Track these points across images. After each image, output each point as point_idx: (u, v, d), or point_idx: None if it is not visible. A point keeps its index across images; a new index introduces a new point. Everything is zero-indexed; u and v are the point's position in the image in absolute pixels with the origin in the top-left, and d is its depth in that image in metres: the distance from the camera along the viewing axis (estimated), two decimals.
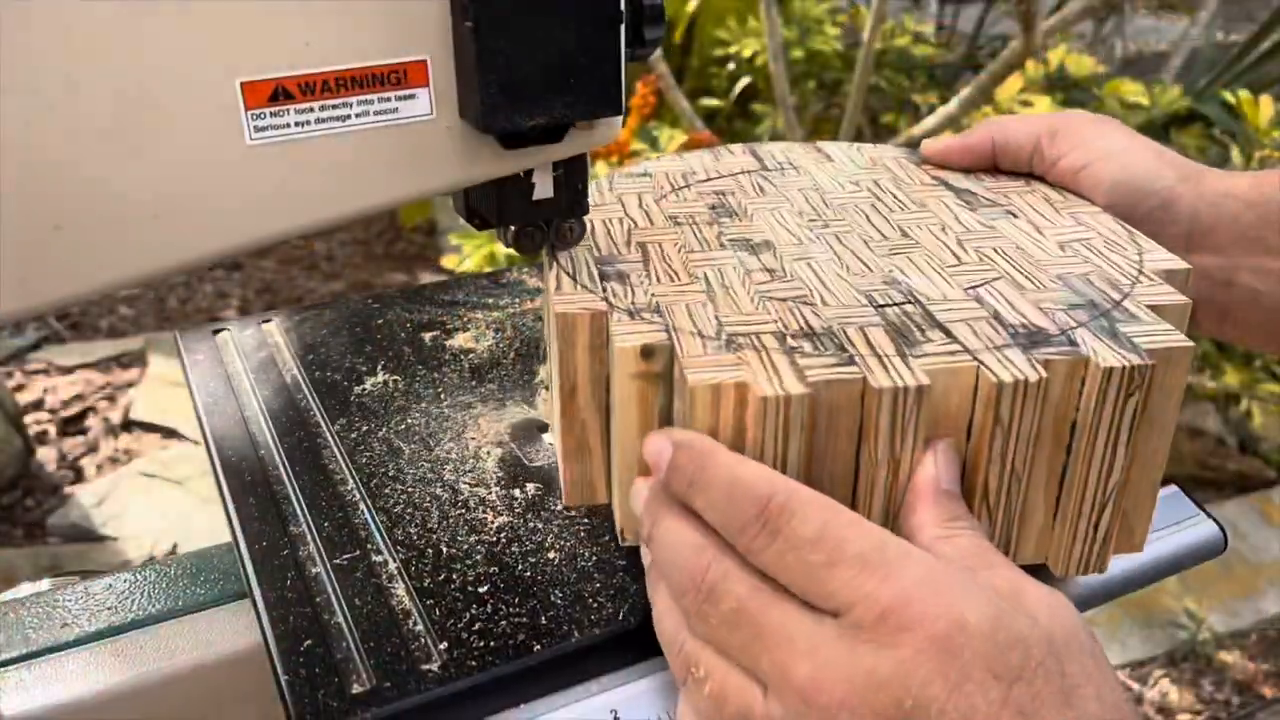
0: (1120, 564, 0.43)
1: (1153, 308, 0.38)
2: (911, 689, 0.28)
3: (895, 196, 0.49)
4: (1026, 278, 0.41)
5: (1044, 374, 0.35)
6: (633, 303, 0.40)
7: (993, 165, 0.53)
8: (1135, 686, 1.57)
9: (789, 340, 0.37)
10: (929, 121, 1.61)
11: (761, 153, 0.56)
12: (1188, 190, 0.47)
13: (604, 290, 0.41)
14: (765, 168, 0.54)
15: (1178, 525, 0.45)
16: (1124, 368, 0.35)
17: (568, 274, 0.43)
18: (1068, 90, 1.83)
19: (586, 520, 0.44)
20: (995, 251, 0.43)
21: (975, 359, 0.35)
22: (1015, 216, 0.46)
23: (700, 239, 0.46)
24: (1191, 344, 0.37)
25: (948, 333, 0.37)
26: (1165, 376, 0.37)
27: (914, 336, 0.37)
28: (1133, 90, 1.78)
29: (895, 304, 0.40)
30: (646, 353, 0.37)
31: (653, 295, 0.41)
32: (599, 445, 0.42)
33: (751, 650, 0.31)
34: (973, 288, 0.40)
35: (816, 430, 0.35)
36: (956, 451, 0.36)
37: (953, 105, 1.55)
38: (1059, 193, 0.49)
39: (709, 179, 0.53)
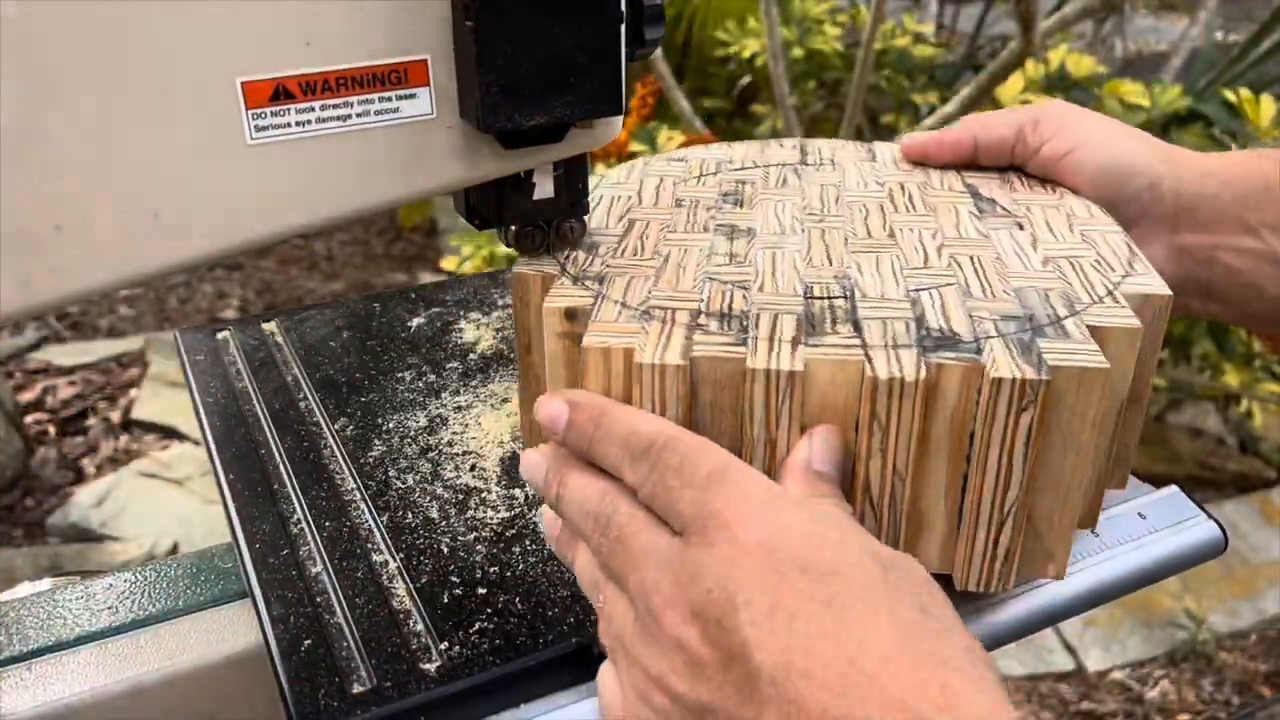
0: (1120, 564, 0.44)
1: (1096, 328, 0.37)
2: (723, 580, 0.30)
3: (911, 199, 0.49)
4: (983, 287, 0.40)
5: (922, 375, 0.35)
6: (584, 271, 0.42)
7: (974, 160, 0.53)
8: (1135, 686, 1.57)
9: (700, 318, 0.38)
10: (929, 122, 1.61)
11: (809, 147, 0.56)
12: (1169, 171, 0.48)
13: (565, 257, 0.43)
14: (805, 162, 0.54)
15: (1178, 525, 0.45)
16: (1015, 380, 0.34)
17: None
18: (1067, 90, 1.83)
19: None
20: (970, 260, 0.42)
21: (865, 354, 0.36)
22: (1021, 229, 0.45)
23: (690, 221, 0.47)
24: (1106, 366, 0.34)
25: (857, 327, 0.37)
26: (1075, 396, 0.35)
27: (823, 327, 0.38)
28: (1132, 90, 1.78)
29: (828, 297, 0.40)
30: (570, 314, 0.39)
31: (607, 266, 0.42)
32: None
33: (624, 570, 0.33)
34: (916, 290, 0.40)
35: (699, 403, 0.37)
36: (834, 437, 0.36)
37: (952, 105, 1.55)
38: (1087, 209, 0.47)
39: (743, 168, 0.53)
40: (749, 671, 0.29)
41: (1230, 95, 1.61)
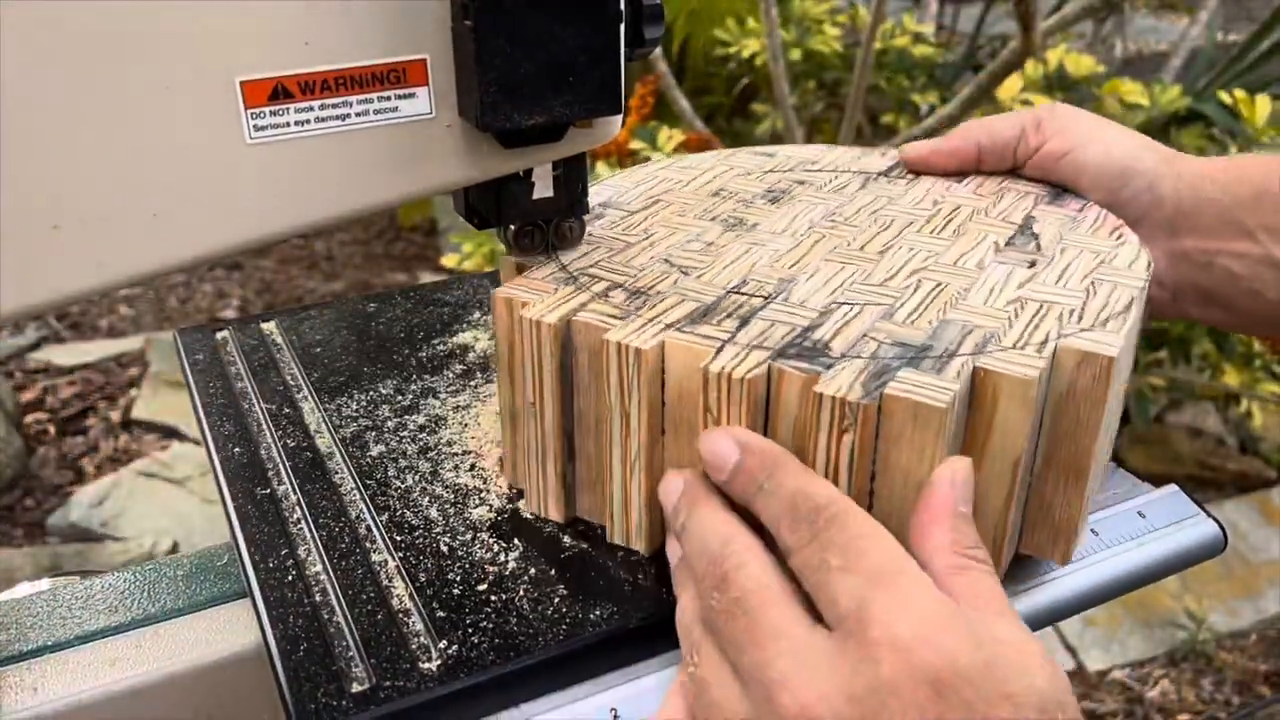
0: (1120, 563, 0.44)
1: (988, 373, 0.35)
2: (883, 711, 0.27)
3: (949, 221, 0.47)
4: (913, 313, 0.39)
5: (752, 375, 0.35)
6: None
7: (977, 166, 0.53)
8: (1135, 686, 1.57)
9: (613, 290, 0.41)
10: (929, 122, 1.62)
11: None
12: (1168, 174, 0.48)
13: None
14: (888, 174, 0.53)
15: (1177, 524, 0.45)
16: (836, 398, 0.33)
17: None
18: (1067, 90, 1.83)
19: (587, 520, 0.44)
20: (934, 286, 0.41)
21: (716, 346, 0.37)
22: (1030, 267, 0.43)
23: (705, 209, 0.50)
24: (941, 405, 0.33)
25: (743, 323, 0.38)
26: (911, 432, 0.33)
27: (710, 318, 0.39)
28: (1132, 90, 1.78)
29: (749, 294, 0.41)
30: (520, 268, 0.44)
31: (589, 234, 0.46)
32: None
33: (740, 643, 0.31)
34: (838, 303, 0.40)
35: (577, 365, 0.40)
36: (971, 471, 0.34)
37: (952, 105, 1.55)
38: (1132, 259, 0.43)
39: (818, 169, 0.54)
40: None
41: (1226, 96, 1.61)
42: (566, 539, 0.43)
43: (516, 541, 0.43)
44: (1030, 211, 0.48)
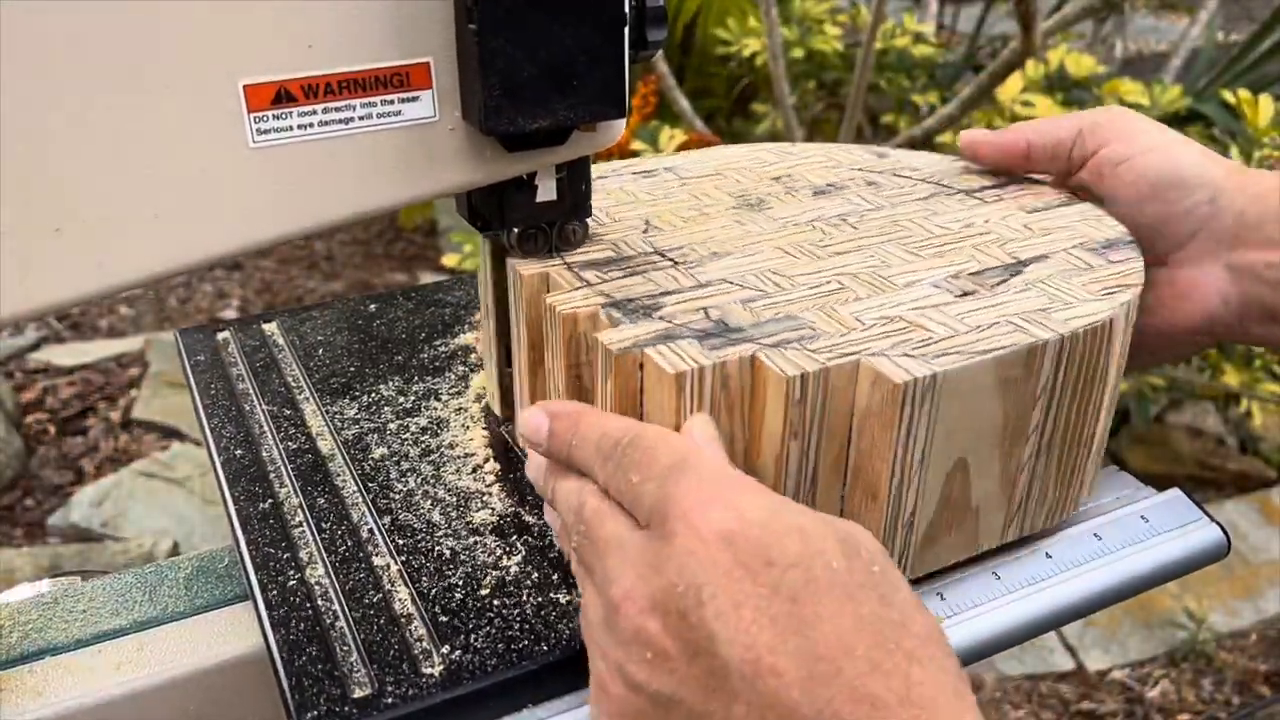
0: (1123, 568, 0.43)
1: (759, 362, 0.37)
2: (684, 573, 0.30)
3: (948, 244, 0.46)
4: (769, 304, 0.41)
5: (566, 311, 0.40)
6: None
7: (1025, 165, 0.52)
8: (1135, 686, 1.57)
9: (589, 265, 0.44)
10: (929, 122, 1.61)
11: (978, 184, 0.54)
12: (1232, 184, 0.46)
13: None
14: (974, 191, 0.52)
15: (1181, 529, 0.45)
16: (603, 344, 0.38)
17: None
18: (1067, 90, 1.83)
19: None
20: (836, 289, 0.42)
21: (578, 285, 0.42)
22: (960, 295, 0.42)
23: (746, 188, 0.53)
24: (671, 373, 0.36)
25: (628, 275, 0.43)
26: (658, 390, 0.37)
27: (611, 268, 0.44)
28: (1132, 90, 1.78)
29: (668, 257, 0.45)
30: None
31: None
32: None
33: (590, 564, 0.34)
34: (725, 281, 0.43)
35: (540, 317, 0.43)
36: (706, 428, 0.36)
37: (952, 105, 1.55)
38: (1061, 321, 0.40)
39: (908, 173, 0.54)
40: (715, 666, 0.29)
41: (1229, 96, 1.60)
42: None
43: (519, 545, 0.43)
44: (1052, 253, 0.45)
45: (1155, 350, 0.49)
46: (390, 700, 0.35)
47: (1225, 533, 0.45)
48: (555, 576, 0.41)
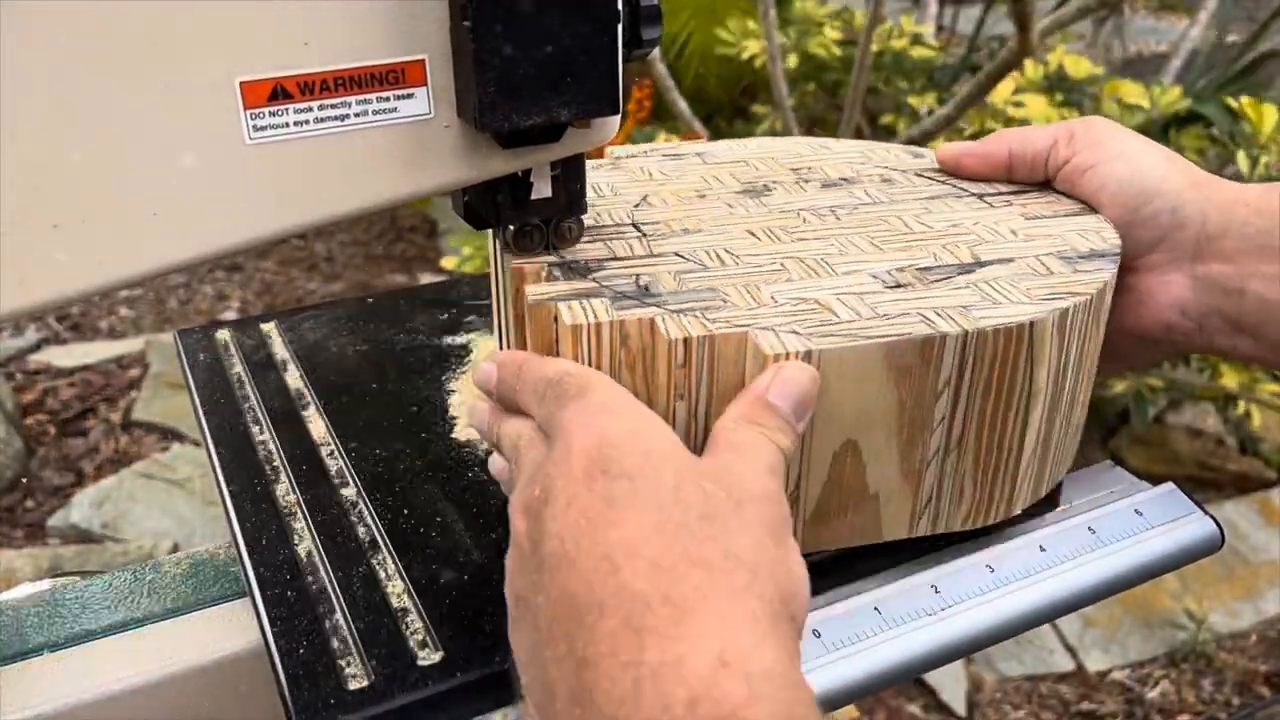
0: (1117, 561, 0.44)
1: (642, 320, 0.39)
2: (544, 480, 0.32)
3: (916, 240, 0.47)
4: (696, 276, 0.43)
5: (515, 264, 0.43)
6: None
7: (1008, 173, 0.52)
8: (1135, 687, 1.57)
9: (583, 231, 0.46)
10: (927, 124, 1.62)
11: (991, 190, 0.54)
12: (1196, 195, 0.46)
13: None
14: (983, 195, 0.52)
15: (1174, 522, 0.45)
16: (529, 296, 0.41)
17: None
18: (1066, 91, 1.83)
19: None
20: (774, 270, 0.43)
21: (553, 270, 0.43)
22: (892, 287, 0.42)
23: (758, 175, 0.54)
24: (568, 325, 0.39)
25: (592, 241, 0.45)
26: (565, 338, 0.39)
27: (586, 235, 0.45)
28: (1131, 91, 1.78)
29: (639, 230, 0.47)
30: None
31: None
32: None
33: (511, 488, 0.37)
34: (676, 254, 0.45)
35: (506, 276, 0.45)
36: (801, 376, 0.37)
37: (949, 107, 1.55)
38: (957, 317, 0.40)
39: (932, 173, 0.54)
40: (539, 560, 0.31)
41: (1233, 102, 1.61)
42: None
43: None
44: (1021, 257, 0.44)
45: (1115, 355, 0.49)
46: (386, 692, 0.36)
47: (1219, 526, 0.46)
48: None
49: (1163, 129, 1.79)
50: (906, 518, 0.42)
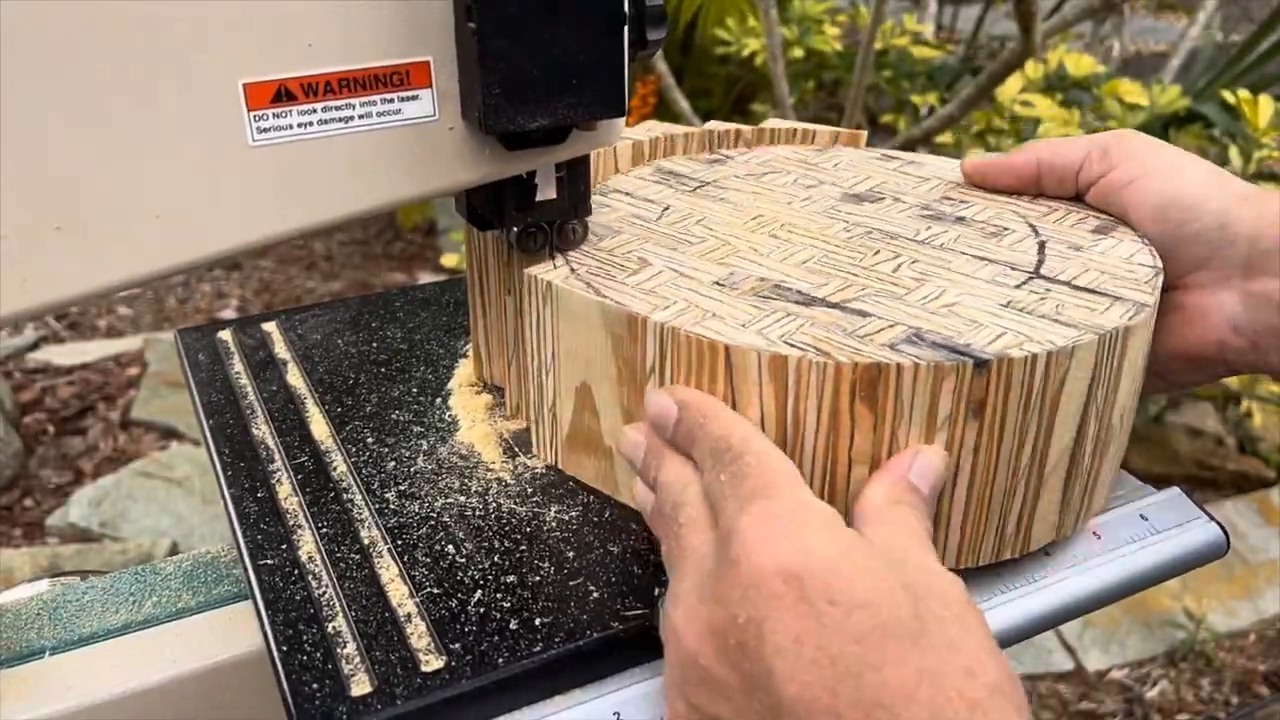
0: (1122, 566, 0.43)
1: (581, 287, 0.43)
2: (746, 605, 0.30)
3: (883, 246, 0.47)
4: (633, 249, 0.46)
5: (506, 238, 0.45)
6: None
7: (1037, 187, 0.50)
8: (1134, 686, 1.58)
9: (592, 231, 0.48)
10: (929, 123, 1.62)
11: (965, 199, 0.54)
12: (1244, 211, 0.44)
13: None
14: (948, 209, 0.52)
15: (1180, 527, 0.45)
16: (528, 275, 0.44)
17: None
18: (1067, 90, 1.83)
19: (591, 522, 0.44)
20: (713, 253, 0.46)
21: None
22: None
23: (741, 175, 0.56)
24: (544, 281, 0.43)
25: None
26: (540, 304, 0.44)
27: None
28: (1131, 90, 1.78)
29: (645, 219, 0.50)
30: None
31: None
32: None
33: (674, 563, 0.35)
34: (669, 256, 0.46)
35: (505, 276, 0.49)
36: (937, 460, 0.37)
37: (952, 106, 1.55)
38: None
39: (955, 193, 0.53)
40: (771, 703, 0.29)
41: (1229, 96, 1.60)
42: (571, 544, 0.43)
43: (520, 545, 0.43)
44: (973, 273, 0.44)
45: (1167, 376, 0.47)
46: (390, 698, 0.35)
47: (1224, 531, 0.46)
48: (556, 576, 0.41)
49: (1162, 128, 1.79)
50: (629, 492, 0.44)
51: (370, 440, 0.50)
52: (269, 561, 0.42)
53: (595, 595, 0.40)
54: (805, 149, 0.59)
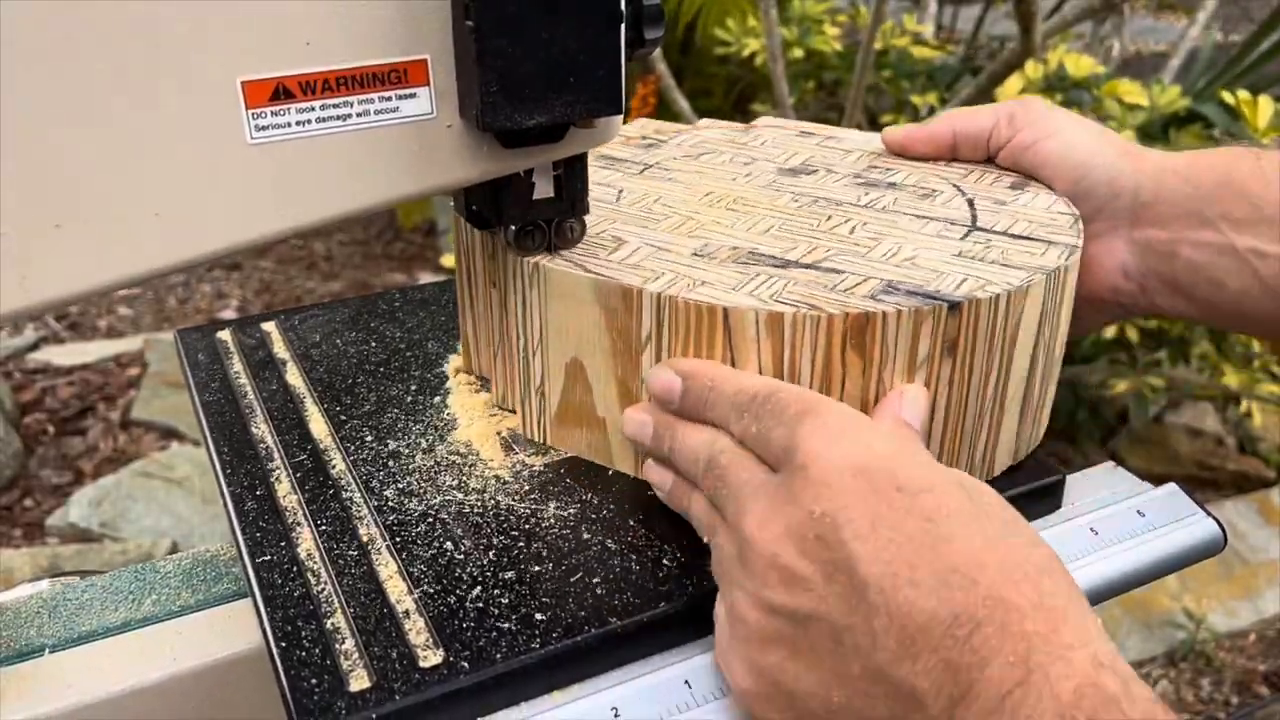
0: (1119, 562, 0.44)
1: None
2: (820, 500, 0.33)
3: (822, 218, 0.50)
4: (608, 228, 0.48)
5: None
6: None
7: (952, 153, 0.55)
8: None
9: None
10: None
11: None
12: (1129, 166, 0.49)
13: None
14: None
15: (1177, 523, 0.45)
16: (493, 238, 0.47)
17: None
18: (1066, 91, 1.83)
19: (589, 519, 0.44)
20: (673, 224, 0.48)
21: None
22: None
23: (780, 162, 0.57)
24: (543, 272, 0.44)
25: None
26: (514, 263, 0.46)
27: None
28: (1131, 90, 1.78)
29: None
30: None
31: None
32: None
33: (725, 504, 0.37)
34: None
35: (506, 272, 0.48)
36: (924, 398, 0.40)
37: (952, 106, 1.55)
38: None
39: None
40: (855, 583, 0.31)
41: (1228, 96, 1.60)
42: (569, 541, 0.43)
43: (518, 543, 0.43)
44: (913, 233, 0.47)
45: (1073, 320, 0.52)
46: (388, 694, 0.36)
47: (1221, 527, 0.46)
48: (553, 573, 0.41)
49: (1162, 128, 1.79)
50: (632, 459, 0.46)
51: (369, 438, 0.50)
52: (268, 559, 0.42)
53: (593, 591, 0.40)
54: (730, 130, 0.63)
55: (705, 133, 0.62)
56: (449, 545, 0.43)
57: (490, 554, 0.42)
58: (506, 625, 0.38)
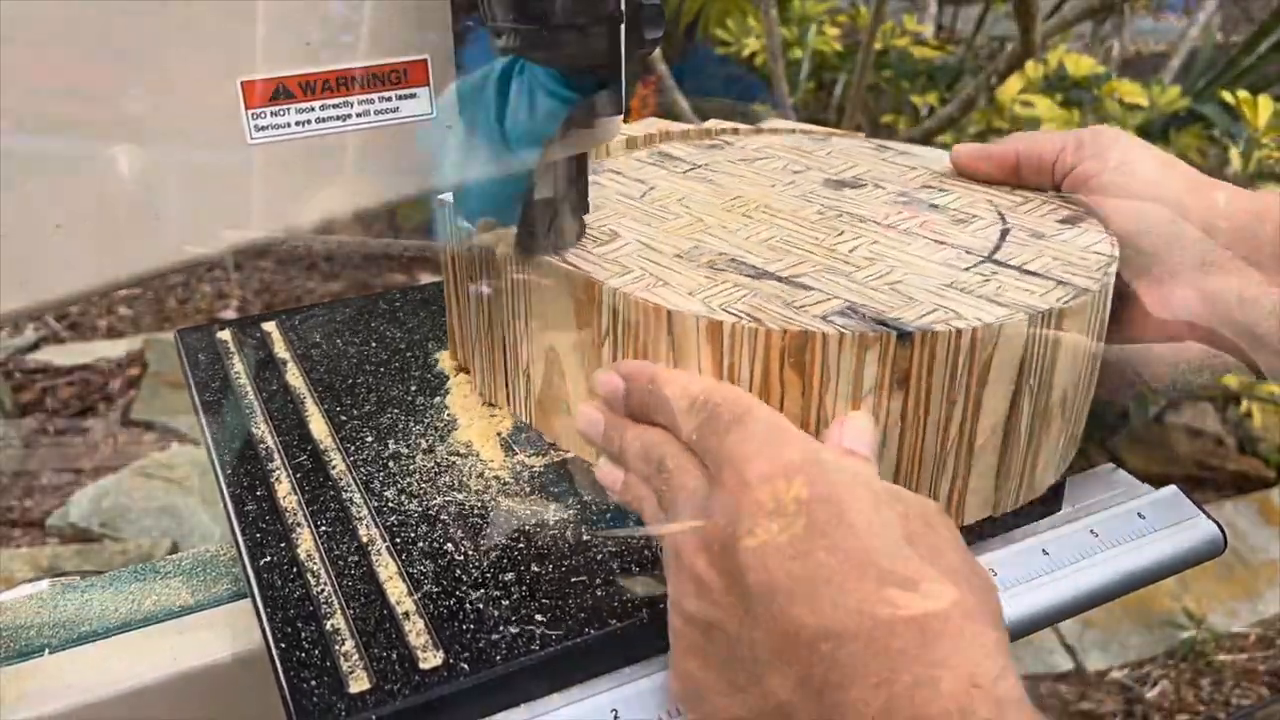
0: (1119, 564, 0.44)
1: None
2: (726, 512, 0.33)
3: (845, 227, 0.48)
4: (606, 223, 0.48)
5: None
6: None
7: (1017, 177, 0.52)
8: (1134, 686, 1.57)
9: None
10: (929, 123, 1.62)
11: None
12: (1197, 204, 0.45)
13: None
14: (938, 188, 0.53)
15: (1177, 526, 0.45)
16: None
17: None
18: (1067, 91, 1.83)
19: (589, 520, 0.44)
20: (683, 225, 0.48)
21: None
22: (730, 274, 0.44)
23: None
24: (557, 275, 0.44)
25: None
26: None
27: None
28: (1131, 90, 1.78)
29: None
30: None
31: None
32: None
33: (670, 509, 0.37)
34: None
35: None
36: (865, 421, 0.39)
37: (952, 106, 1.55)
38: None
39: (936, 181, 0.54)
40: (743, 592, 0.32)
41: (1228, 96, 1.60)
42: (569, 542, 0.43)
43: (519, 544, 0.43)
44: (925, 256, 0.45)
45: (1136, 364, 0.49)
46: (388, 695, 0.35)
47: (1222, 530, 0.46)
48: (554, 574, 0.41)
49: (1162, 129, 1.79)
50: (594, 451, 0.44)
51: (369, 439, 0.50)
52: (268, 559, 0.42)
53: (593, 593, 0.40)
54: (803, 137, 0.61)
55: (776, 137, 0.60)
56: (449, 546, 0.43)
57: (490, 555, 0.42)
58: (506, 627, 0.38)
